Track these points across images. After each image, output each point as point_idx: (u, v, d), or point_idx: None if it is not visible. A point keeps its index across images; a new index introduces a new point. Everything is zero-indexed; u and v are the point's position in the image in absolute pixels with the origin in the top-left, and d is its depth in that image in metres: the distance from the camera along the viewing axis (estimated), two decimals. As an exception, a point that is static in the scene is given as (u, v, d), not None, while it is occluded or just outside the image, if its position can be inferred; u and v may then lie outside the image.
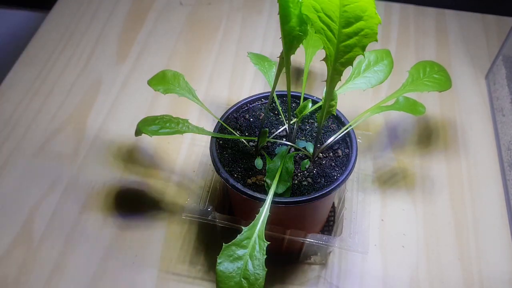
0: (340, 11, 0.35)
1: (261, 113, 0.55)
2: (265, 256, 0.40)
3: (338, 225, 0.55)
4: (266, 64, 0.55)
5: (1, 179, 0.63)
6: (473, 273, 0.56)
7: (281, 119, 0.54)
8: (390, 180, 0.64)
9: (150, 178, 0.64)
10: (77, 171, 0.64)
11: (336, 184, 0.46)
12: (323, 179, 0.48)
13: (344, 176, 0.47)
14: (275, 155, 0.48)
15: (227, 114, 0.53)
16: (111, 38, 0.82)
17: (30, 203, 0.61)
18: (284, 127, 0.53)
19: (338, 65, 0.38)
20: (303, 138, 0.52)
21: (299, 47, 0.43)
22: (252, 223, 0.41)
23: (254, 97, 0.55)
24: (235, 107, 0.54)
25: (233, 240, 0.41)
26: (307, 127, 0.53)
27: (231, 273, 0.39)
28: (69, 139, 0.68)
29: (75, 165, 0.65)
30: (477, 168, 0.66)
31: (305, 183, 0.47)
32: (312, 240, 0.49)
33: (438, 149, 0.68)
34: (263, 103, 0.56)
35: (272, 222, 0.48)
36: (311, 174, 0.49)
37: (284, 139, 0.52)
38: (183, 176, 0.64)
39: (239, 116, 0.54)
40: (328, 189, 0.46)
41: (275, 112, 0.55)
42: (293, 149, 0.50)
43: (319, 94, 0.49)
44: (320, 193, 0.45)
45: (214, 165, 0.48)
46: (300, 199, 0.45)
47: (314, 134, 0.52)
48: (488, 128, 0.70)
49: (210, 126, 0.53)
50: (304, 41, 0.56)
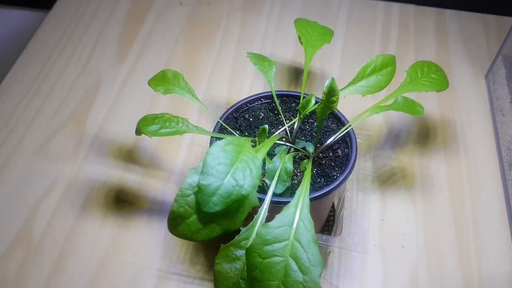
0: None
1: (261, 113, 0.55)
2: None
3: (338, 225, 0.55)
4: (266, 64, 0.55)
5: (1, 179, 0.63)
6: (473, 273, 0.56)
7: (281, 119, 0.54)
8: (390, 180, 0.64)
9: (150, 178, 0.64)
10: (77, 171, 0.64)
11: (336, 184, 0.46)
12: (323, 179, 0.48)
13: (344, 176, 0.47)
14: (275, 155, 0.48)
15: (227, 114, 0.53)
16: (111, 38, 0.82)
17: (30, 203, 0.61)
18: (284, 127, 0.53)
19: None
20: (303, 138, 0.52)
21: (299, 47, 0.43)
22: (251, 224, 0.41)
23: (254, 97, 0.55)
24: (235, 107, 0.54)
25: (231, 241, 0.41)
26: (307, 127, 0.53)
27: (229, 274, 0.39)
28: (69, 139, 0.68)
29: (75, 165, 0.65)
30: (477, 168, 0.66)
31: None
32: (312, 240, 0.49)
33: (438, 149, 0.68)
34: (263, 103, 0.56)
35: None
36: (311, 174, 0.49)
37: (284, 139, 0.52)
38: (183, 176, 0.64)
39: (239, 116, 0.54)
40: (328, 189, 0.46)
41: (275, 112, 0.55)
42: (293, 149, 0.50)
43: (319, 94, 0.49)
44: (320, 193, 0.45)
45: (214, 165, 0.48)
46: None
47: (314, 134, 0.53)
48: (488, 128, 0.70)
49: (210, 126, 0.53)
50: (304, 41, 0.56)
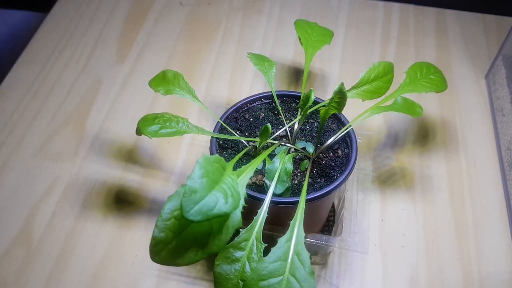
0: None
1: (261, 113, 0.55)
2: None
3: (338, 225, 0.55)
4: (266, 64, 0.54)
5: (1, 179, 0.63)
6: (473, 273, 0.56)
7: (281, 119, 0.54)
8: (390, 180, 0.64)
9: (150, 178, 0.64)
10: (77, 171, 0.64)
11: (336, 184, 0.46)
12: (323, 179, 0.48)
13: (344, 176, 0.47)
14: (275, 156, 0.48)
15: (227, 114, 0.53)
16: (111, 38, 0.82)
17: (30, 203, 0.61)
18: (285, 128, 0.53)
19: None
20: (303, 138, 0.52)
21: (299, 47, 0.43)
22: (250, 225, 0.41)
23: (254, 97, 0.55)
24: (235, 107, 0.54)
25: (231, 242, 0.41)
26: (307, 127, 0.53)
27: (229, 275, 0.39)
28: (69, 139, 0.68)
29: (75, 165, 0.65)
30: (477, 168, 0.66)
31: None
32: (312, 240, 0.49)
33: (438, 149, 0.68)
34: (263, 103, 0.56)
35: (272, 222, 0.48)
36: (311, 174, 0.49)
37: (284, 139, 0.52)
38: (183, 176, 0.64)
39: (239, 116, 0.54)
40: (328, 189, 0.46)
41: (275, 112, 0.55)
42: (293, 150, 0.50)
43: (319, 94, 0.49)
44: (320, 193, 0.45)
45: (214, 165, 0.48)
46: (300, 199, 0.45)
47: (314, 135, 0.53)
48: (488, 128, 0.70)
49: (210, 126, 0.53)
50: (304, 42, 0.56)
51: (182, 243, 0.38)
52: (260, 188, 0.47)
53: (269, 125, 0.45)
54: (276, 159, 0.46)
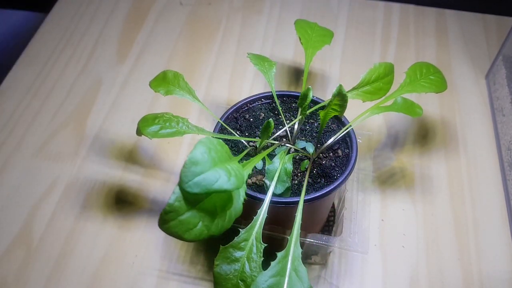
0: None
1: (261, 113, 0.55)
2: (262, 258, 0.40)
3: (338, 225, 0.55)
4: (266, 64, 0.55)
5: (1, 179, 0.63)
6: (473, 273, 0.56)
7: (281, 119, 0.54)
8: (390, 180, 0.64)
9: (150, 178, 0.64)
10: (77, 171, 0.64)
11: (336, 184, 0.46)
12: (323, 179, 0.48)
13: (344, 176, 0.47)
14: (275, 156, 0.48)
15: (227, 114, 0.53)
16: (111, 38, 0.82)
17: (30, 203, 0.61)
18: (285, 128, 0.53)
19: None
20: (303, 139, 0.52)
21: (299, 47, 0.43)
22: (250, 225, 0.41)
23: (254, 97, 0.55)
24: (235, 107, 0.54)
25: (231, 242, 0.41)
26: (307, 127, 0.53)
27: (228, 275, 0.39)
28: (69, 139, 0.68)
29: (75, 165, 0.65)
30: (477, 168, 0.66)
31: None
32: (312, 240, 0.49)
33: (438, 149, 0.68)
34: (263, 103, 0.56)
35: (272, 222, 0.48)
36: (311, 174, 0.49)
37: (284, 140, 0.52)
38: (183, 176, 0.64)
39: (239, 116, 0.54)
40: (328, 189, 0.46)
41: (275, 112, 0.55)
42: (293, 150, 0.50)
43: (319, 94, 0.49)
44: (320, 193, 0.45)
45: (214, 165, 0.48)
46: (300, 199, 0.45)
47: (314, 135, 0.53)
48: (488, 128, 0.70)
49: (210, 126, 0.53)
50: (304, 42, 0.56)
51: (193, 218, 0.37)
52: (260, 188, 0.47)
53: (272, 121, 0.45)
54: (276, 159, 0.46)
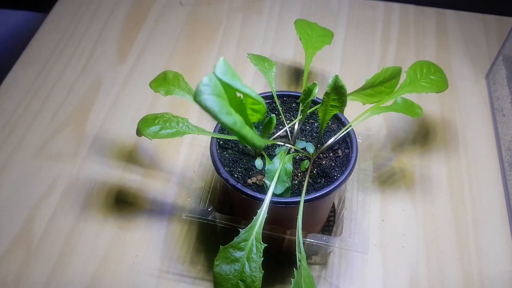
0: None
1: (261, 113, 0.55)
2: (262, 259, 0.40)
3: (338, 225, 0.55)
4: (266, 65, 0.54)
5: (1, 179, 0.63)
6: (473, 273, 0.56)
7: (281, 120, 0.54)
8: (390, 180, 0.64)
9: (150, 178, 0.64)
10: (77, 171, 0.64)
11: (336, 184, 0.46)
12: (323, 179, 0.48)
13: (344, 176, 0.47)
14: (275, 156, 0.48)
15: (227, 114, 0.53)
16: (111, 38, 0.82)
17: (30, 203, 0.61)
18: (285, 128, 0.53)
19: None
20: (303, 139, 0.52)
21: (300, 48, 0.43)
22: (250, 225, 0.41)
23: (254, 97, 0.55)
24: (235, 107, 0.54)
25: (231, 242, 0.41)
26: (307, 127, 0.53)
27: (228, 275, 0.39)
28: (69, 139, 0.68)
29: (75, 165, 0.65)
30: (477, 168, 0.66)
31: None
32: (312, 240, 0.49)
33: (438, 149, 0.68)
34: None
35: (272, 222, 0.48)
36: (311, 174, 0.49)
37: (284, 140, 0.52)
38: (183, 176, 0.64)
39: (239, 116, 0.54)
40: (328, 189, 0.46)
41: (275, 113, 0.55)
42: (293, 150, 0.50)
43: (319, 95, 0.49)
44: (320, 193, 0.45)
45: (215, 166, 0.48)
46: (300, 199, 0.45)
47: (314, 135, 0.53)
48: (488, 128, 0.70)
49: (211, 126, 0.53)
50: (304, 43, 0.56)
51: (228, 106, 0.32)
52: (261, 188, 0.47)
53: (274, 116, 0.45)
54: (276, 159, 0.46)
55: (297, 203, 0.44)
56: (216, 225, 0.54)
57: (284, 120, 0.53)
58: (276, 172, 0.45)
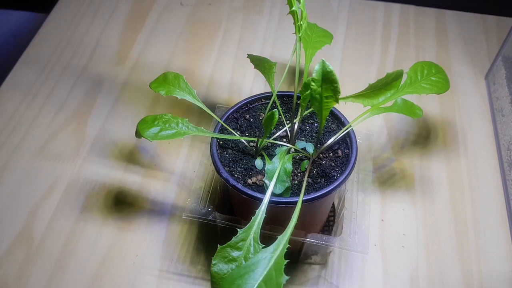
0: None
1: (261, 114, 0.55)
2: None
3: (338, 225, 0.55)
4: (266, 65, 0.55)
5: (2, 180, 0.64)
6: (473, 273, 0.56)
7: (281, 120, 0.54)
8: (390, 180, 0.64)
9: (151, 179, 0.64)
10: (78, 172, 0.64)
11: (336, 184, 0.46)
12: (323, 179, 0.48)
13: (344, 176, 0.47)
14: (275, 156, 0.48)
15: (227, 115, 0.53)
16: (112, 39, 0.82)
17: (31, 203, 0.61)
18: (285, 128, 0.53)
19: None
20: (303, 139, 0.52)
21: (299, 48, 0.42)
22: (248, 225, 0.41)
23: (254, 98, 0.55)
24: (235, 108, 0.54)
25: (228, 242, 0.41)
26: (307, 128, 0.53)
27: (225, 275, 0.40)
28: (70, 140, 0.68)
29: (76, 166, 0.65)
30: (477, 168, 0.66)
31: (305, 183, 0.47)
32: (312, 240, 0.49)
33: (438, 149, 0.68)
34: (263, 103, 0.56)
35: (272, 222, 0.48)
36: (311, 174, 0.49)
37: (285, 140, 0.52)
38: (184, 177, 0.64)
39: (239, 117, 0.54)
40: (328, 189, 0.46)
41: (275, 113, 0.55)
42: (293, 150, 0.50)
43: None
44: (320, 193, 0.45)
45: (215, 166, 0.48)
46: (299, 199, 0.45)
47: (314, 135, 0.53)
48: (488, 128, 0.70)
49: (211, 127, 0.53)
50: (304, 42, 0.56)
51: None
52: (260, 188, 0.47)
53: (276, 111, 0.44)
54: (276, 159, 0.46)
55: (296, 203, 0.45)
56: (216, 225, 0.54)
57: (284, 120, 0.53)
58: (276, 172, 0.45)
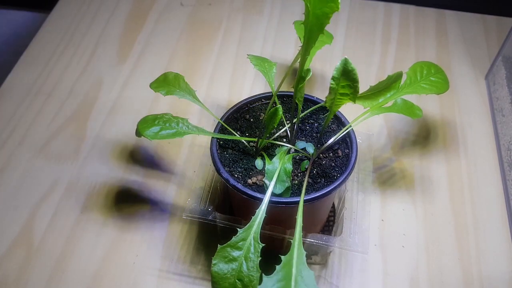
0: None
1: (262, 114, 0.55)
2: (260, 258, 0.40)
3: (338, 225, 0.55)
4: (266, 65, 0.55)
5: (2, 179, 0.64)
6: (473, 273, 0.56)
7: (282, 120, 0.54)
8: (390, 180, 0.64)
9: (151, 179, 0.64)
10: (78, 172, 0.64)
11: (336, 184, 0.46)
12: (323, 179, 0.48)
13: (344, 176, 0.47)
14: (275, 156, 0.48)
15: (228, 115, 0.53)
16: (112, 39, 0.83)
17: (31, 203, 0.61)
18: (285, 128, 0.53)
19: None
20: (303, 139, 0.52)
21: (299, 48, 0.42)
22: (248, 225, 0.41)
23: (255, 98, 0.55)
24: (236, 108, 0.54)
25: (229, 242, 0.41)
26: (307, 128, 0.53)
27: (226, 274, 0.40)
28: (70, 140, 0.68)
29: (76, 166, 0.65)
30: (477, 168, 0.66)
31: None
32: (312, 240, 0.49)
33: (438, 149, 0.68)
34: (264, 104, 0.56)
35: (272, 222, 0.48)
36: (311, 174, 0.49)
37: (285, 140, 0.52)
38: (184, 177, 0.64)
39: (240, 117, 0.54)
40: (328, 189, 0.46)
41: (275, 113, 0.55)
42: (293, 150, 0.50)
43: (320, 95, 0.49)
44: (320, 193, 0.45)
45: (215, 166, 0.48)
46: (300, 199, 0.45)
47: (315, 135, 0.53)
48: (488, 128, 0.70)
49: (211, 127, 0.53)
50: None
51: None
52: (261, 188, 0.47)
53: (280, 107, 0.44)
54: (276, 159, 0.46)
55: (297, 203, 0.45)
56: (216, 225, 0.54)
57: (284, 120, 0.53)
58: (276, 172, 0.45)
